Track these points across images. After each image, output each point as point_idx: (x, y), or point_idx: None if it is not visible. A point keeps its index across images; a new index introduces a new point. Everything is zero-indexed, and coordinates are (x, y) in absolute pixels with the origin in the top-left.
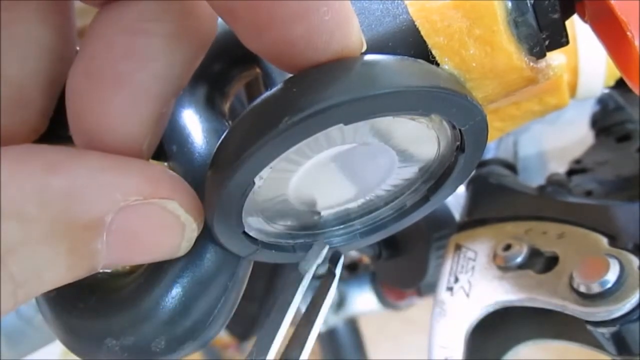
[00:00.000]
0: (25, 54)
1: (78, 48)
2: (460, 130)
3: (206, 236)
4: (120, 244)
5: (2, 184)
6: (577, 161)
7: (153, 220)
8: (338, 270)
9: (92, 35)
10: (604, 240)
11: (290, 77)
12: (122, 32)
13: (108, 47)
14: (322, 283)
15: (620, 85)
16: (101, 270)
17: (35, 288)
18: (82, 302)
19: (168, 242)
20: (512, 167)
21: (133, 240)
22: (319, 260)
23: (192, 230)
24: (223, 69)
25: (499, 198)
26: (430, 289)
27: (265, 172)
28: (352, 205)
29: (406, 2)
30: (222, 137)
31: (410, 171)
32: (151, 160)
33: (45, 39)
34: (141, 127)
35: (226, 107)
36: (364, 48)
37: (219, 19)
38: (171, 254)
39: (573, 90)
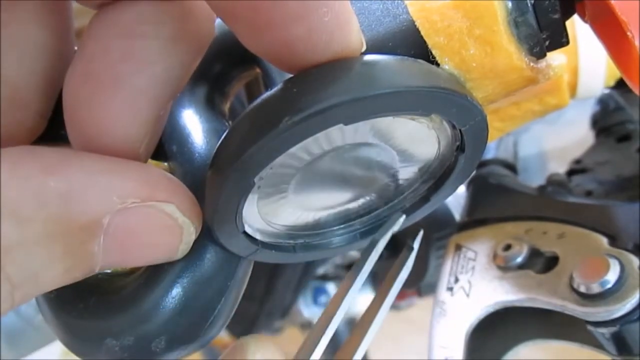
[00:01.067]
0: (23, 55)
1: (76, 49)
2: (460, 130)
3: (206, 236)
4: (117, 246)
5: (1, 185)
6: (577, 161)
7: (150, 223)
8: (416, 245)
9: (89, 37)
10: (604, 240)
11: (290, 77)
12: (120, 34)
13: (105, 49)
14: (400, 257)
15: (620, 85)
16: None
17: (32, 289)
18: (82, 302)
19: (165, 245)
20: (512, 167)
21: (130, 243)
22: (395, 227)
23: (189, 233)
24: (223, 69)
25: (499, 198)
26: (430, 289)
27: (265, 172)
28: (352, 205)
29: (406, 2)
30: (222, 137)
31: (410, 171)
32: (151, 161)
33: (42, 40)
34: (139, 129)
35: (226, 107)
36: (364, 48)
37: (218, 20)
38: (169, 257)
39: (573, 90)
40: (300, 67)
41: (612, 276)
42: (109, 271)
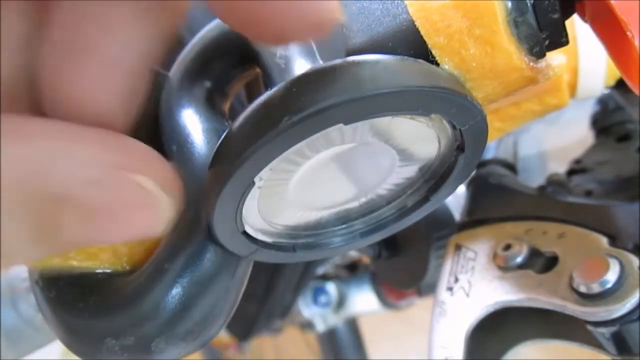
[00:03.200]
0: (12, 49)
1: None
2: (460, 130)
3: (206, 236)
4: (89, 220)
5: None
6: (577, 161)
7: (124, 196)
8: None
9: (62, 4)
10: (604, 240)
11: (291, 77)
12: (93, 1)
13: (78, 16)
14: None
15: (620, 85)
16: (101, 270)
17: (1, 263)
18: (82, 302)
19: (141, 219)
20: (512, 167)
21: (104, 217)
22: None
23: (168, 208)
24: (223, 69)
25: (499, 198)
26: (430, 289)
27: (265, 172)
28: (353, 205)
29: (406, 2)
30: (223, 136)
31: (410, 171)
32: None
33: (31, 34)
34: (114, 100)
35: (226, 107)
36: (342, 18)
37: (219, 20)
38: (146, 232)
39: (573, 90)
40: (280, 40)
41: (612, 276)
42: (108, 271)
